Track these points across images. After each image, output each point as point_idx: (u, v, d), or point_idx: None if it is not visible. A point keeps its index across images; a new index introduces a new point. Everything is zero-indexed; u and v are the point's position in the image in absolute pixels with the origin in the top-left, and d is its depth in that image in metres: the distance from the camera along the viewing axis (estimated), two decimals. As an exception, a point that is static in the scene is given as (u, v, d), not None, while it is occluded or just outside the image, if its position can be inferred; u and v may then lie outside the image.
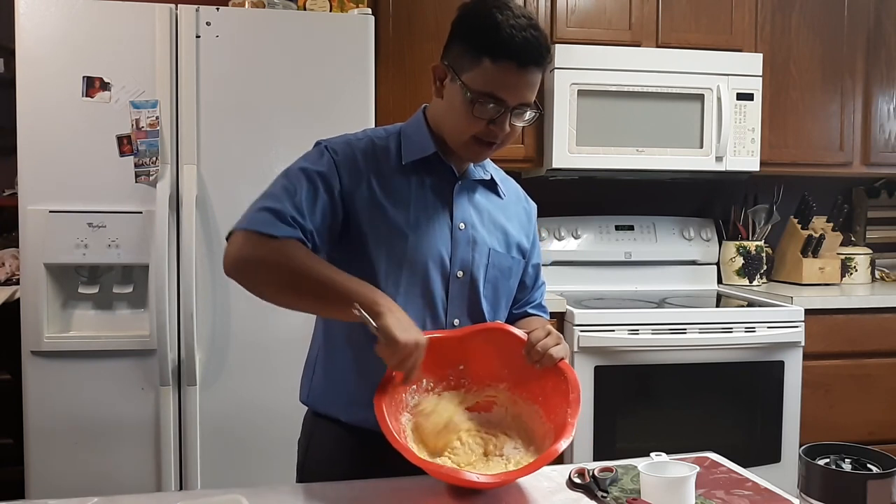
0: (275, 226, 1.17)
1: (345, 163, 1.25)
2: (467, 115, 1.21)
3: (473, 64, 1.19)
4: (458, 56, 1.22)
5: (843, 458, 1.01)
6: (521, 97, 1.21)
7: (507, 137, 1.25)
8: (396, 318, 1.11)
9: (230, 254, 1.18)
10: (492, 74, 1.18)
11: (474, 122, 1.21)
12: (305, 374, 1.38)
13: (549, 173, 2.78)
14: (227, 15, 2.19)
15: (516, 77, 1.19)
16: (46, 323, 2.14)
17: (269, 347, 2.20)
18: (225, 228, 2.17)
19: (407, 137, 1.32)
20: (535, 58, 1.19)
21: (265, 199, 1.21)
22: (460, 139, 1.25)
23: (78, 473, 2.16)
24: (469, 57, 1.20)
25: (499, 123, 1.22)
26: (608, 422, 2.44)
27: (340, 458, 1.29)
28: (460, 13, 1.24)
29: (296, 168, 1.25)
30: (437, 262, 1.28)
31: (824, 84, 2.96)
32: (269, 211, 1.18)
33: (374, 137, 1.31)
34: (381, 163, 1.28)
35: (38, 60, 2.09)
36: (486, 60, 1.18)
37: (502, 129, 1.22)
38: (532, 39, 1.18)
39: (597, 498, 1.13)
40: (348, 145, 1.28)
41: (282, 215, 1.18)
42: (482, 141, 1.24)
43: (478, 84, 1.19)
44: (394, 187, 1.27)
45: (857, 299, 2.74)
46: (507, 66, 1.17)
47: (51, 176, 2.12)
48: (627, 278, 3.03)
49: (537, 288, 1.50)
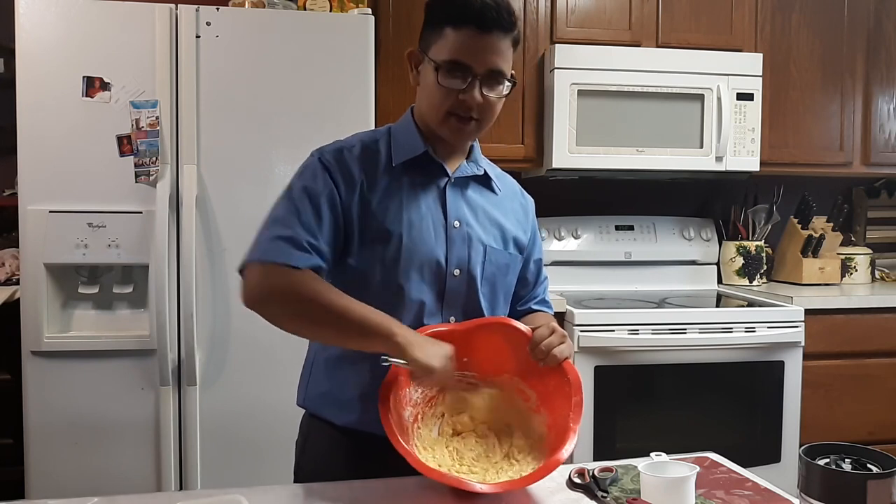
0: (292, 255, 1.16)
1: (339, 171, 1.25)
2: (438, 88, 1.21)
3: (437, 37, 1.21)
4: (426, 36, 1.24)
5: (843, 458, 1.01)
6: (488, 62, 1.20)
7: (484, 111, 1.24)
8: (419, 345, 1.14)
9: (251, 288, 1.17)
10: (453, 41, 1.19)
11: (446, 96, 1.21)
12: (302, 377, 1.38)
13: (549, 173, 2.78)
14: (227, 15, 2.19)
15: (479, 41, 1.19)
16: (46, 323, 2.14)
17: (269, 347, 2.19)
18: (225, 228, 2.20)
19: (397, 138, 1.31)
20: (497, 21, 1.19)
21: (275, 227, 1.20)
22: (437, 118, 1.25)
23: (78, 473, 2.16)
24: (434, 32, 1.22)
25: (468, 92, 1.21)
26: (608, 422, 2.43)
27: (335, 459, 1.29)
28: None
29: (297, 188, 1.24)
30: (433, 262, 1.27)
31: (824, 84, 2.96)
32: (283, 240, 1.17)
33: (365, 141, 1.31)
34: (373, 166, 1.28)
35: (38, 60, 2.09)
36: (447, 29, 1.20)
37: (472, 97, 1.21)
38: (491, 3, 1.18)
39: (597, 498, 1.13)
40: (340, 152, 1.28)
41: (297, 242, 1.17)
42: (459, 116, 1.24)
43: (443, 54, 1.20)
44: (386, 189, 1.26)
45: (857, 299, 2.74)
46: (467, 31, 1.18)
47: (51, 176, 2.12)
48: (627, 278, 3.03)
49: (540, 283, 1.50)
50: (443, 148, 1.31)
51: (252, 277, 1.18)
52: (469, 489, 1.08)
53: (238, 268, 1.21)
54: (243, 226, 2.16)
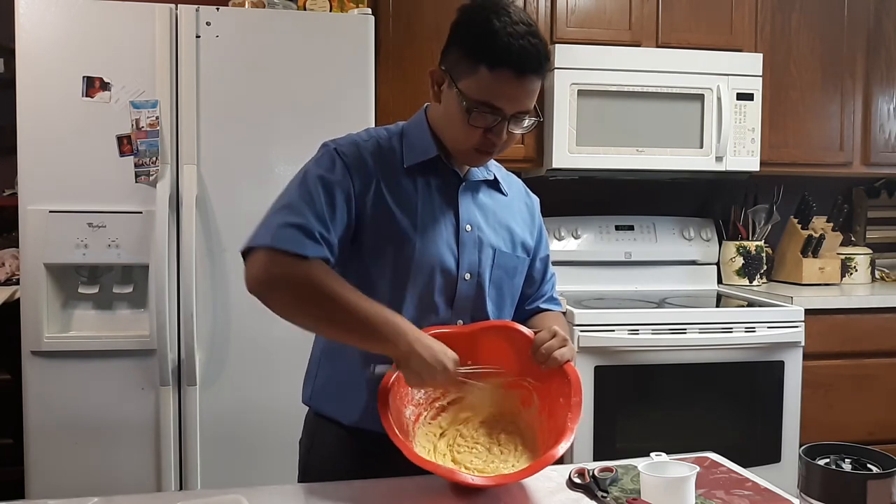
0: (302, 244, 1.14)
1: (355, 166, 1.23)
2: (464, 124, 1.19)
3: (470, 71, 1.17)
4: (456, 62, 1.20)
5: (843, 458, 1.01)
6: (519, 105, 1.19)
7: (506, 144, 1.24)
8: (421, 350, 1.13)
9: (256, 273, 1.14)
10: (488, 83, 1.16)
11: (472, 132, 1.20)
12: (307, 375, 1.38)
13: (549, 173, 2.78)
14: (227, 15, 2.19)
15: (514, 86, 1.17)
16: (46, 323, 2.14)
17: (269, 347, 2.20)
18: (225, 228, 2.20)
19: (409, 139, 1.30)
20: (534, 66, 1.17)
21: (286, 212, 1.17)
22: (459, 147, 1.25)
23: (78, 473, 2.16)
24: (466, 64, 1.18)
25: (496, 132, 1.20)
26: (608, 422, 2.43)
27: (342, 458, 1.29)
28: (458, 17, 1.22)
29: (313, 175, 1.21)
30: (445, 266, 1.27)
31: (824, 84, 2.96)
32: (294, 227, 1.14)
33: (379, 138, 1.29)
34: (387, 165, 1.27)
35: (38, 60, 2.09)
36: (482, 68, 1.15)
37: (500, 137, 1.21)
38: (530, 47, 1.15)
39: (597, 498, 1.13)
40: (356, 146, 1.26)
41: (308, 231, 1.15)
42: (481, 150, 1.23)
43: (475, 92, 1.17)
44: (400, 190, 1.26)
45: (857, 299, 2.74)
46: (504, 74, 1.15)
47: (51, 176, 2.12)
48: (627, 278, 3.03)
49: (547, 281, 1.49)
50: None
51: (258, 262, 1.14)
52: (461, 481, 1.09)
53: (241, 249, 1.18)
54: (243, 226, 2.14)
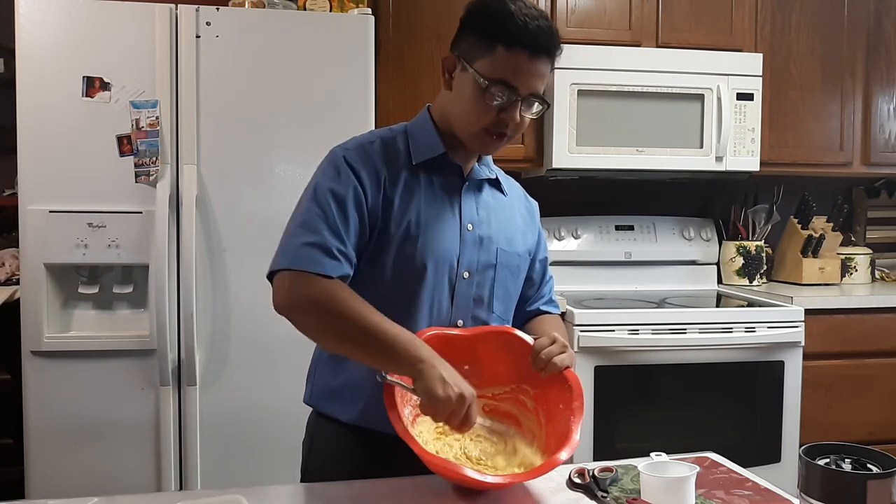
0: (321, 264, 1.16)
1: (365, 170, 1.24)
2: (479, 103, 1.22)
3: (486, 52, 1.21)
4: (470, 46, 1.23)
5: (843, 458, 1.01)
6: (532, 86, 1.22)
7: (516, 129, 1.26)
8: (438, 373, 1.10)
9: (283, 296, 1.16)
10: (504, 61, 1.20)
11: (485, 112, 1.22)
12: (308, 375, 1.38)
13: (549, 173, 2.78)
14: (227, 15, 2.19)
15: (528, 64, 1.20)
16: (46, 323, 2.14)
17: (269, 347, 2.20)
18: (225, 228, 2.20)
19: (414, 137, 1.31)
20: (547, 46, 1.21)
21: (302, 231, 1.19)
22: (471, 130, 1.26)
23: (78, 473, 2.16)
24: (482, 45, 1.21)
25: (510, 112, 1.22)
26: (608, 422, 2.43)
27: (344, 457, 1.29)
28: (472, 6, 1.26)
29: (323, 189, 1.22)
30: (445, 264, 1.27)
31: (824, 84, 2.96)
32: (311, 246, 1.17)
33: (384, 138, 1.31)
34: (394, 163, 1.28)
35: (38, 60, 2.09)
36: (499, 47, 1.20)
37: (513, 118, 1.23)
38: (545, 28, 1.20)
39: (597, 498, 1.13)
40: (362, 148, 1.27)
41: (326, 248, 1.17)
42: (492, 132, 1.25)
43: (490, 71, 1.20)
44: (405, 187, 1.27)
45: (857, 299, 2.74)
46: (519, 52, 1.19)
47: (51, 176, 2.12)
48: (627, 278, 3.03)
49: (545, 283, 1.50)
50: (460, 151, 1.32)
51: (282, 285, 1.17)
52: (470, 478, 1.07)
53: (267, 274, 1.20)
54: (243, 226, 2.18)
